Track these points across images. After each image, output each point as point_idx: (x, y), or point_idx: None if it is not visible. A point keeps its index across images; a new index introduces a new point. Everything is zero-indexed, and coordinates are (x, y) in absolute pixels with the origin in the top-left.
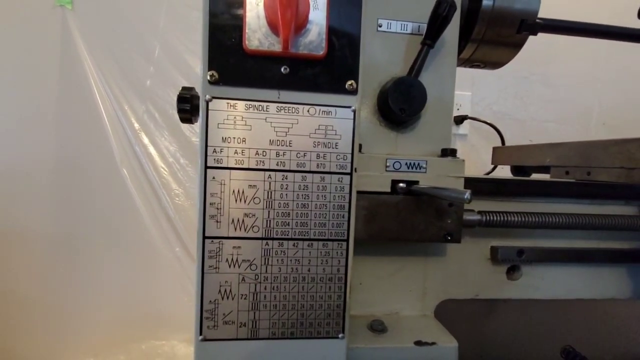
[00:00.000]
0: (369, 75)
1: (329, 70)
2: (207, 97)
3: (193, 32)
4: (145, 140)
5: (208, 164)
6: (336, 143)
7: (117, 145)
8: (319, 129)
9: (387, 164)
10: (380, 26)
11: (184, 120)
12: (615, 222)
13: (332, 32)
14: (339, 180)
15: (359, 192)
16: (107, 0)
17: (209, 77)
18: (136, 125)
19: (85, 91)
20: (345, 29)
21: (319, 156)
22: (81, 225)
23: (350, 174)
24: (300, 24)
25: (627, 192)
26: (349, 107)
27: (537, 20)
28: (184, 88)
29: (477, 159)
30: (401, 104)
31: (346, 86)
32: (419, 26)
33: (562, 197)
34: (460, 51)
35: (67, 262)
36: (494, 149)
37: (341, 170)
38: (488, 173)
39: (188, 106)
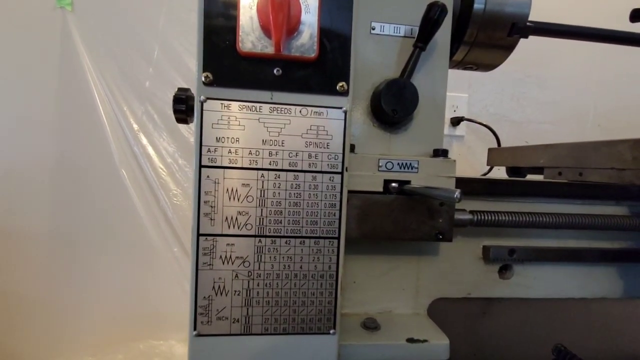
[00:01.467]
0: (362, 77)
1: (320, 72)
2: (202, 98)
3: (192, 34)
4: (144, 140)
5: (202, 163)
6: (327, 143)
7: (115, 146)
8: (310, 129)
9: (380, 164)
10: (374, 29)
11: (180, 120)
12: (606, 222)
13: (324, 34)
14: (330, 180)
15: (352, 192)
16: (107, 2)
17: (203, 79)
18: (135, 126)
19: (84, 92)
20: (336, 32)
21: (310, 156)
22: (80, 225)
23: (342, 173)
24: (292, 27)
25: (617, 193)
26: (340, 107)
27: (528, 24)
28: (179, 89)
29: (473, 160)
30: (393, 105)
31: (337, 87)
32: (412, 29)
33: (554, 197)
34: (453, 53)
35: (66, 262)
36: (490, 150)
37: (332, 170)
38: (484, 174)
39: (183, 107)
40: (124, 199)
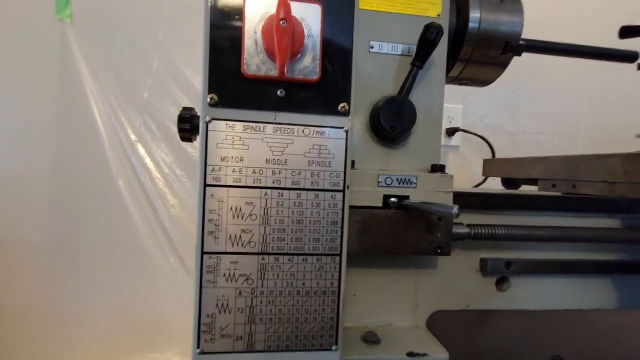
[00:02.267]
0: (361, 94)
1: (322, 93)
2: (207, 118)
3: (191, 46)
4: (142, 151)
5: (207, 182)
6: (329, 162)
7: (113, 157)
8: (313, 148)
9: (379, 180)
10: (372, 47)
11: (184, 139)
12: (599, 235)
13: (326, 58)
14: (332, 197)
15: (352, 207)
16: (106, 13)
17: (209, 100)
18: (133, 137)
19: (82, 102)
20: (338, 55)
21: (313, 174)
22: (77, 235)
23: (343, 191)
24: (296, 51)
25: (610, 205)
26: (342, 127)
27: (521, 42)
28: (184, 108)
29: (468, 170)
30: (392, 122)
31: (339, 108)
32: (409, 47)
33: (549, 210)
34: (449, 70)
35: (63, 272)
36: (485, 161)
37: (334, 188)
38: (479, 184)
39: (188, 126)
40: (121, 209)
